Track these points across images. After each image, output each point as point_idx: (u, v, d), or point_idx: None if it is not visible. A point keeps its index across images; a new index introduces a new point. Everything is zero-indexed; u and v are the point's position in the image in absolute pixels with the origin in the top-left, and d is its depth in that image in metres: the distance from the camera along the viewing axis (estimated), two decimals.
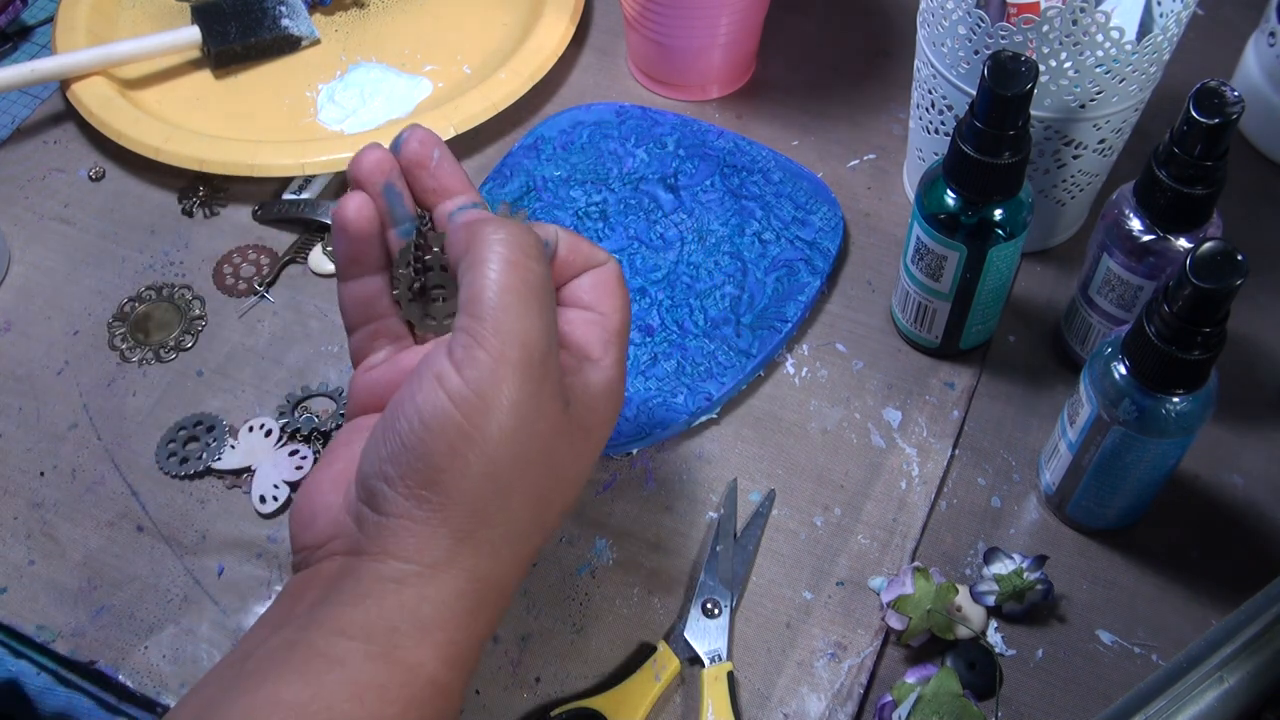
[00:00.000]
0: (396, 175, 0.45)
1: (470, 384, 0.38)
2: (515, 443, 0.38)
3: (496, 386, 0.38)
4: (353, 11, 0.81)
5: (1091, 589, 0.55)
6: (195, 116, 0.74)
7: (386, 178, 0.45)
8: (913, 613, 0.53)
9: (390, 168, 0.45)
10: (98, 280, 0.67)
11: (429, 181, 0.46)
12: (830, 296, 0.66)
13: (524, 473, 0.39)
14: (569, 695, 0.52)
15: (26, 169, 0.73)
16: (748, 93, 0.76)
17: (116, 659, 0.54)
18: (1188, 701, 0.45)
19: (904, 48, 0.77)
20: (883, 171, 0.71)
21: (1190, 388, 0.48)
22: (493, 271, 0.39)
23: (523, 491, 0.40)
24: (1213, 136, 0.49)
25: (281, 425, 0.61)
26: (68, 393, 0.63)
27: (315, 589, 0.39)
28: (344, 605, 0.37)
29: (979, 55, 0.57)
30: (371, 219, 0.45)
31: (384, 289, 0.46)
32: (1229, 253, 0.44)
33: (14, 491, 0.59)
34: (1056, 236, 0.67)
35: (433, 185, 0.46)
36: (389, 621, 0.37)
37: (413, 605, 0.38)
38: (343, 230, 0.45)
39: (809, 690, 0.52)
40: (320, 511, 0.42)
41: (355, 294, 0.46)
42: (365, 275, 0.46)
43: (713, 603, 0.54)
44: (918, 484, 0.58)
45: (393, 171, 0.45)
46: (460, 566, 0.39)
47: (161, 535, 0.58)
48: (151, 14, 0.80)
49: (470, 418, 0.38)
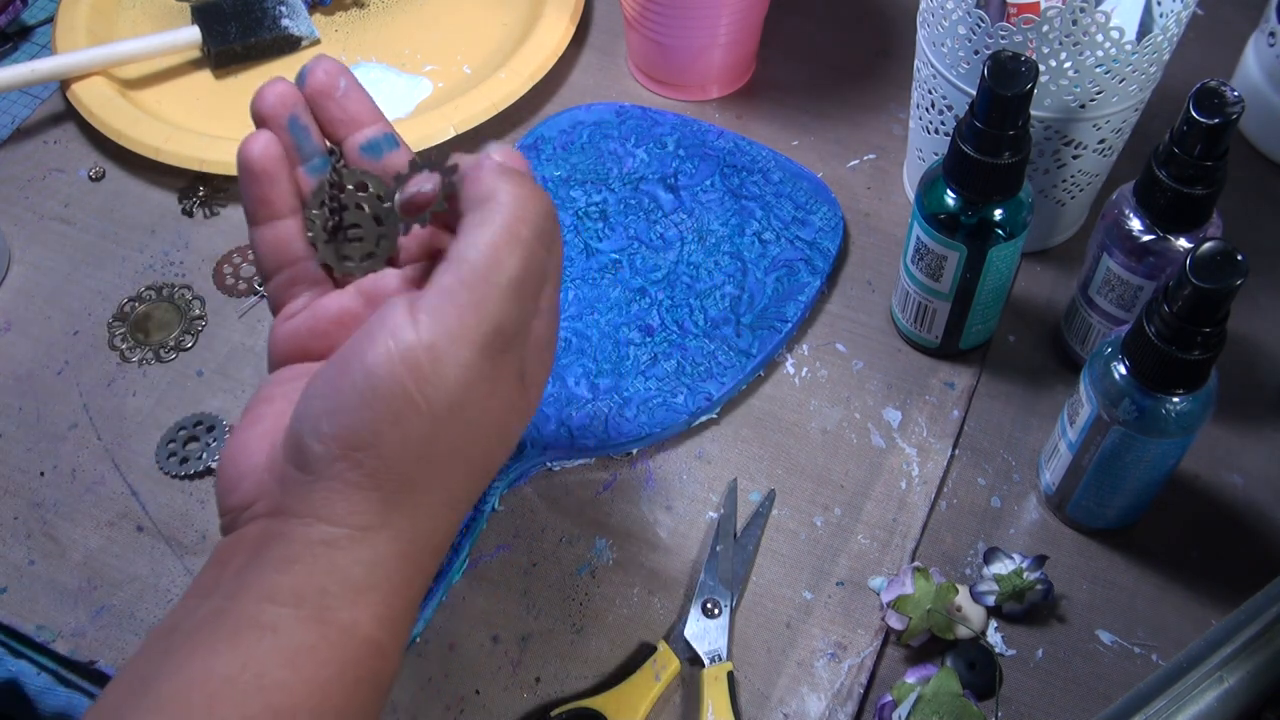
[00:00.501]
0: (302, 108, 0.43)
1: (427, 347, 0.35)
2: (464, 418, 0.37)
3: (456, 358, 0.36)
4: (353, 11, 0.81)
5: (1091, 589, 0.55)
6: (195, 116, 0.74)
7: (290, 110, 0.42)
8: (913, 613, 0.53)
9: (294, 101, 0.43)
10: (98, 280, 0.67)
11: (337, 112, 0.43)
12: (830, 296, 0.66)
13: (467, 444, 0.38)
14: (569, 695, 0.52)
15: (26, 169, 0.73)
16: (748, 93, 0.76)
17: (116, 659, 0.54)
18: (1188, 701, 0.45)
19: (904, 48, 0.77)
20: (883, 171, 0.71)
21: (1190, 388, 0.48)
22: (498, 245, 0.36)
23: (465, 460, 0.38)
24: (1213, 136, 0.49)
25: None
26: (68, 393, 0.63)
27: (241, 554, 0.37)
28: (272, 571, 0.36)
29: (979, 55, 0.57)
30: (278, 157, 0.42)
31: (297, 232, 0.43)
32: (1229, 253, 0.44)
33: (14, 491, 0.59)
34: (1056, 236, 0.67)
35: (341, 116, 0.43)
36: (319, 584, 0.36)
37: (344, 567, 0.36)
38: (248, 170, 0.42)
39: (809, 690, 0.52)
40: (245, 473, 0.39)
41: (267, 239, 0.43)
42: (276, 218, 0.43)
43: (713, 603, 0.54)
44: (918, 484, 0.58)
45: (297, 104, 0.43)
46: (392, 529, 0.37)
47: (161, 535, 0.58)
48: (151, 14, 0.80)
49: (421, 386, 0.36)
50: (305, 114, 0.43)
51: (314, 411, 0.37)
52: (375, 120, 0.44)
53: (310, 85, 0.43)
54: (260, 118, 0.42)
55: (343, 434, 0.36)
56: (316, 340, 0.42)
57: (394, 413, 0.36)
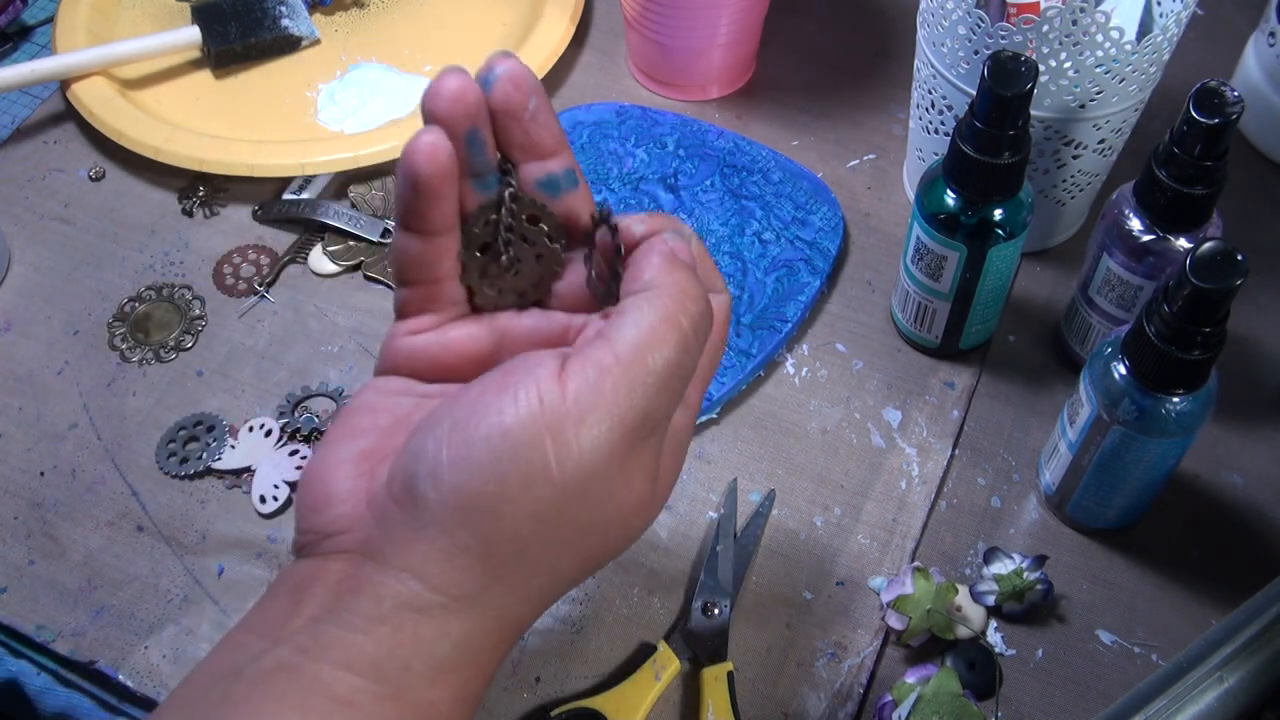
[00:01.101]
0: (483, 120, 0.37)
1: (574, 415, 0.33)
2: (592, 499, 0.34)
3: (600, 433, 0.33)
4: (353, 11, 0.81)
5: (1091, 589, 0.55)
6: (195, 116, 0.74)
7: (472, 121, 0.36)
8: (913, 613, 0.53)
9: (476, 108, 0.36)
10: (98, 280, 0.67)
11: (519, 135, 0.37)
12: (830, 296, 0.66)
13: (587, 529, 0.35)
14: (569, 695, 0.52)
15: (26, 169, 0.73)
16: (748, 93, 0.76)
17: (116, 659, 0.54)
18: (1188, 701, 0.45)
19: (904, 48, 0.77)
20: (883, 171, 0.71)
21: (1190, 388, 0.48)
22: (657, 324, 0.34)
23: (579, 546, 0.35)
24: (1213, 136, 0.49)
25: (281, 425, 0.61)
26: (68, 393, 0.63)
27: (319, 594, 0.34)
28: (354, 631, 0.33)
29: (979, 55, 0.57)
30: (447, 170, 0.36)
31: (446, 250, 0.38)
32: (1229, 253, 0.44)
33: (14, 491, 0.59)
34: (1056, 236, 0.67)
35: (523, 140, 0.37)
36: (403, 659, 0.33)
37: (430, 641, 0.34)
38: (413, 179, 0.36)
39: (809, 690, 0.52)
40: (338, 496, 0.36)
41: (411, 250, 0.38)
42: (429, 234, 0.38)
43: (713, 603, 0.54)
44: (918, 484, 0.58)
45: (479, 114, 0.37)
46: (488, 606, 0.34)
47: (161, 535, 0.58)
48: (151, 14, 0.80)
49: (560, 452, 0.33)
50: (486, 126, 0.37)
51: (435, 454, 0.34)
52: (558, 150, 0.38)
53: (496, 97, 0.37)
54: (432, 115, 0.36)
55: (465, 489, 0.33)
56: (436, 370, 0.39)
57: (525, 477, 0.33)
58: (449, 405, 0.35)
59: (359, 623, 0.33)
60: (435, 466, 0.33)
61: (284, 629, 0.34)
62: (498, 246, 0.39)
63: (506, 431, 0.33)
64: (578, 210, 0.39)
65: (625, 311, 0.35)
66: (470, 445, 0.33)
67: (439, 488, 0.33)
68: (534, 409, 0.33)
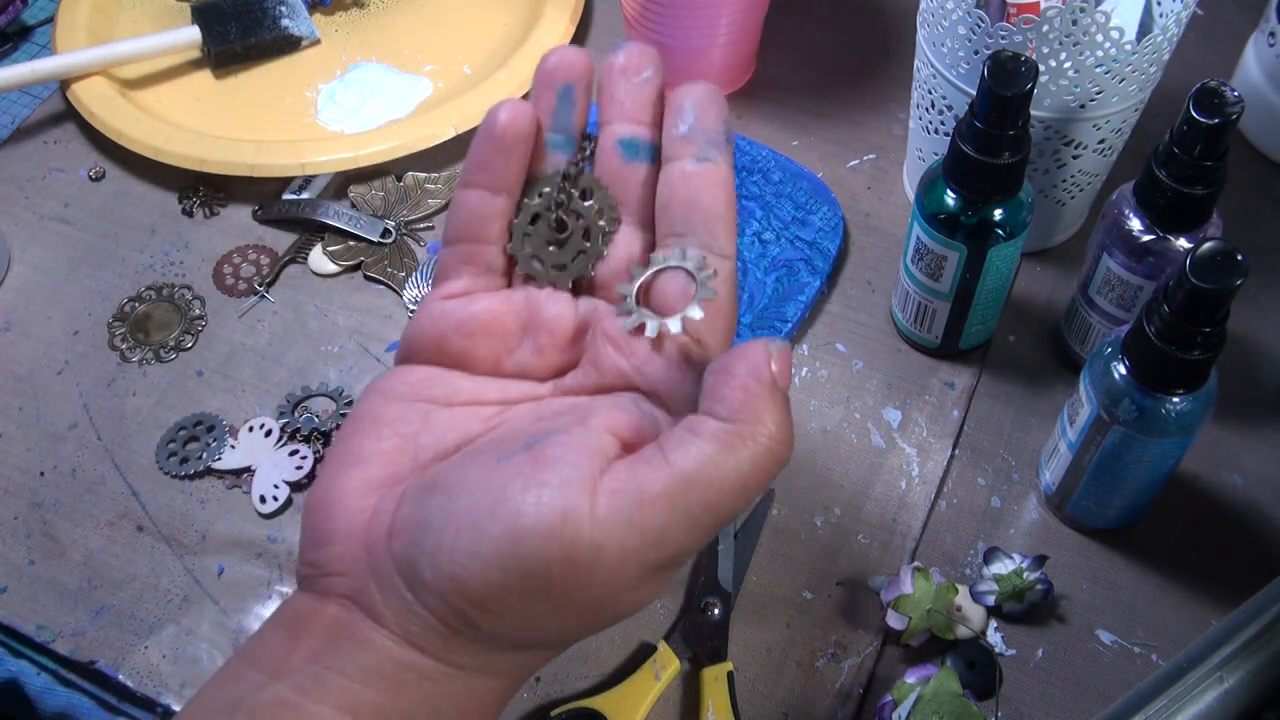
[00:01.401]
0: (584, 83, 0.38)
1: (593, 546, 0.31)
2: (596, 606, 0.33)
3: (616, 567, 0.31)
4: (353, 11, 0.81)
5: (1091, 589, 0.55)
6: (195, 116, 0.74)
7: (569, 79, 0.38)
8: (913, 613, 0.53)
9: (581, 72, 0.38)
10: (98, 280, 0.67)
11: (621, 93, 0.38)
12: (830, 296, 0.66)
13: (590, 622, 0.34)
14: (569, 695, 0.52)
15: (26, 169, 0.73)
16: (748, 93, 0.76)
17: (116, 659, 0.54)
18: (1188, 701, 0.45)
19: (904, 48, 0.77)
20: (883, 171, 0.71)
21: (1190, 388, 0.48)
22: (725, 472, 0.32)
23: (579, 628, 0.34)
24: (1213, 136, 0.49)
25: (281, 425, 0.61)
26: (68, 393, 0.63)
27: (316, 634, 0.34)
28: (354, 680, 0.33)
29: (979, 55, 0.57)
30: (525, 132, 0.38)
31: (500, 213, 0.39)
32: (1229, 253, 0.44)
33: (14, 491, 0.59)
34: (1056, 236, 0.67)
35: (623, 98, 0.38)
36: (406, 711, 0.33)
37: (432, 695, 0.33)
38: (489, 132, 0.38)
39: (809, 690, 0.52)
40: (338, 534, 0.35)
41: (470, 204, 0.39)
42: (489, 190, 0.38)
43: (713, 603, 0.54)
44: (918, 484, 0.58)
45: (582, 77, 0.38)
46: (489, 672, 0.34)
47: (161, 535, 0.58)
48: (151, 14, 0.80)
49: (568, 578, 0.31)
50: (584, 89, 0.39)
51: (440, 538, 0.32)
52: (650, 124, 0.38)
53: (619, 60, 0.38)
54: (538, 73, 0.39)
55: (466, 586, 0.32)
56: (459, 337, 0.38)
57: (528, 590, 0.31)
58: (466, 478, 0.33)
59: (359, 674, 0.33)
60: (437, 550, 0.32)
61: (283, 665, 0.34)
62: (547, 217, 0.39)
63: (519, 538, 0.31)
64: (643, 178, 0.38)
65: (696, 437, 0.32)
66: (479, 539, 0.32)
67: (438, 574, 0.32)
68: (553, 524, 0.31)
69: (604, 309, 0.38)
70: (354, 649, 0.33)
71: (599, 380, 0.37)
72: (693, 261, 0.36)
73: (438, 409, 0.37)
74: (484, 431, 0.37)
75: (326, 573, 0.35)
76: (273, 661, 0.34)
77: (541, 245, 0.39)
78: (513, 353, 0.38)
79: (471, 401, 0.38)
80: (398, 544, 0.34)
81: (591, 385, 0.37)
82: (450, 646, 0.33)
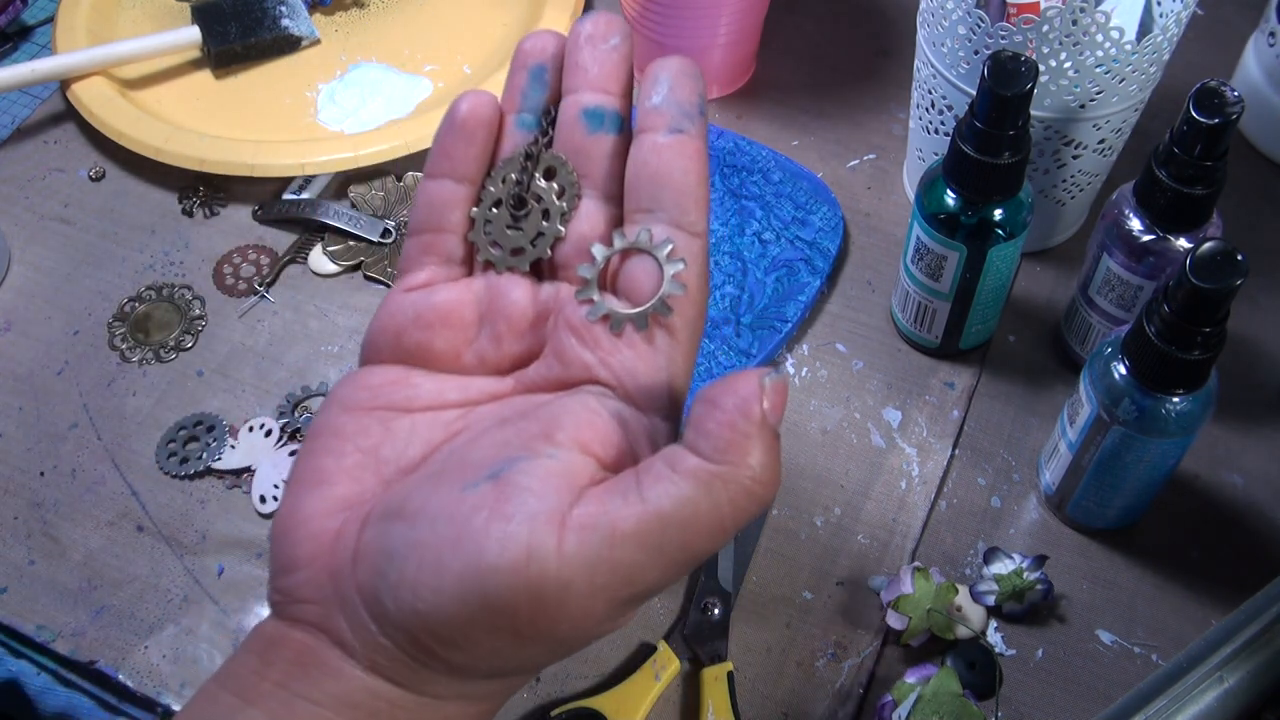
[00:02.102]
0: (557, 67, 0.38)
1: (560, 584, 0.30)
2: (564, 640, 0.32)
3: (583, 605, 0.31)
4: (353, 11, 0.81)
5: (1091, 589, 0.55)
6: (195, 116, 0.74)
7: (542, 60, 0.38)
8: (913, 613, 0.53)
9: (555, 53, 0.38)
10: (98, 280, 0.67)
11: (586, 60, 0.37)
12: (830, 296, 0.66)
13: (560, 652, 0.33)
14: (569, 695, 0.52)
15: (26, 169, 0.73)
16: (748, 93, 0.76)
17: (116, 659, 0.54)
18: (1188, 701, 0.45)
19: (904, 48, 0.77)
20: (883, 171, 0.71)
21: (1190, 388, 0.48)
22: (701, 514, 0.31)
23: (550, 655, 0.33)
24: (1213, 136, 0.49)
25: (281, 425, 0.61)
26: (68, 393, 0.63)
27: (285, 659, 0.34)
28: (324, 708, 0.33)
29: (979, 55, 0.57)
30: (487, 120, 0.37)
31: (461, 201, 0.38)
32: (1229, 253, 0.44)
33: (14, 491, 0.59)
34: (1056, 236, 0.67)
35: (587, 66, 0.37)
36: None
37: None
38: (451, 120, 0.37)
39: (809, 690, 0.52)
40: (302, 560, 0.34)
41: (431, 193, 0.38)
42: (450, 178, 0.38)
43: (713, 603, 0.54)
44: (918, 484, 0.58)
45: (555, 60, 0.38)
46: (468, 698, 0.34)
47: (161, 535, 0.58)
48: (151, 14, 0.80)
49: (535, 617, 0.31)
50: (556, 71, 0.38)
51: (404, 570, 0.32)
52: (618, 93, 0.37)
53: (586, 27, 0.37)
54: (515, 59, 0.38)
55: (429, 620, 0.31)
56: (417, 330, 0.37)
57: (494, 626, 0.31)
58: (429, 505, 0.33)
59: (329, 701, 0.33)
60: (399, 586, 0.32)
61: (254, 690, 0.33)
62: (511, 199, 0.38)
63: (482, 575, 0.30)
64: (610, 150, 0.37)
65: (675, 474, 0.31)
66: (441, 574, 0.31)
67: (401, 609, 0.32)
68: (518, 560, 0.30)
69: (566, 294, 0.37)
70: (322, 677, 0.33)
71: (562, 373, 0.36)
72: (661, 247, 0.35)
73: (398, 416, 0.36)
74: (447, 439, 0.36)
75: (295, 599, 0.34)
76: (244, 686, 0.34)
77: (501, 230, 0.38)
78: (471, 344, 0.38)
79: (433, 405, 0.37)
80: (362, 573, 0.33)
81: (555, 378, 0.36)
82: (421, 677, 0.33)
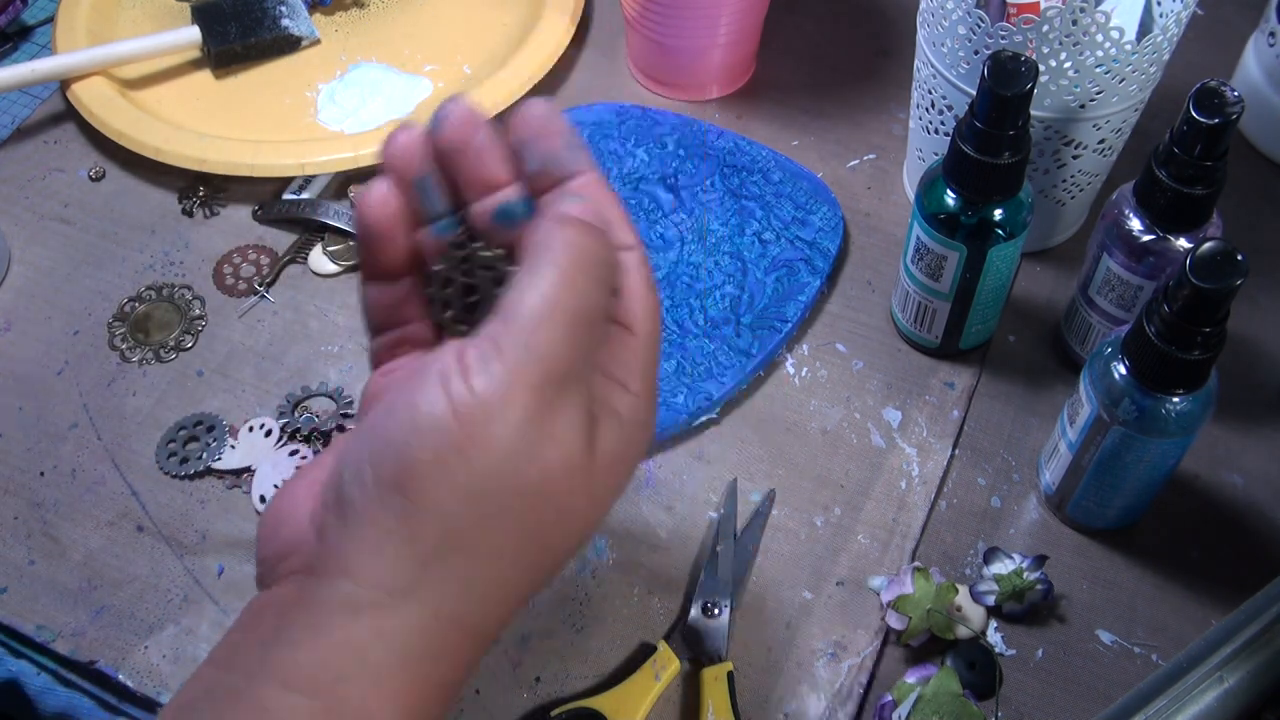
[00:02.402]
0: (433, 168, 0.39)
1: (477, 393, 0.33)
2: (513, 469, 0.34)
3: (505, 403, 0.33)
4: (353, 11, 0.81)
5: (1091, 589, 0.55)
6: (195, 116, 0.74)
7: (421, 170, 0.38)
8: (913, 612, 0.53)
9: (424, 158, 0.38)
10: (98, 280, 0.67)
11: (468, 170, 0.38)
12: (830, 296, 0.66)
13: (517, 502, 0.34)
14: (569, 695, 0.52)
15: (26, 169, 0.73)
16: (748, 93, 0.76)
17: (116, 659, 0.54)
18: (1188, 701, 0.45)
19: (904, 48, 0.77)
20: (883, 171, 0.71)
21: (1190, 388, 0.48)
22: (544, 283, 0.34)
23: (513, 524, 0.34)
24: (1213, 136, 0.49)
25: (281, 425, 0.61)
26: (68, 393, 0.63)
27: (269, 618, 0.35)
28: (292, 646, 0.33)
29: (979, 55, 0.57)
30: (395, 215, 0.38)
31: (410, 293, 0.40)
32: (1229, 253, 0.44)
33: (14, 491, 0.59)
34: (1056, 236, 0.67)
35: (472, 175, 0.38)
36: (337, 669, 0.33)
37: (364, 644, 0.33)
38: (364, 227, 0.39)
39: (809, 690, 0.52)
40: (287, 520, 0.37)
41: (377, 298, 0.40)
42: (389, 279, 0.40)
43: (713, 603, 0.54)
44: (918, 484, 0.58)
45: (426, 161, 0.38)
46: (424, 598, 0.34)
47: (161, 535, 0.58)
48: (151, 14, 0.80)
49: (467, 429, 0.33)
50: (436, 172, 0.39)
51: (356, 455, 0.35)
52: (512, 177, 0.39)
53: (444, 135, 0.38)
54: (387, 166, 0.39)
55: (383, 474, 0.34)
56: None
57: (435, 452, 0.33)
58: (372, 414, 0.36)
59: (298, 636, 0.33)
60: (357, 465, 0.34)
61: (236, 657, 0.35)
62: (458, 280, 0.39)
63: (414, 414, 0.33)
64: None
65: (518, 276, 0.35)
66: (385, 435, 0.34)
67: (361, 482, 0.34)
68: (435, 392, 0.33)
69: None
70: (297, 612, 0.34)
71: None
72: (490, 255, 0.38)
73: None
74: None
75: (279, 557, 0.37)
76: (228, 656, 0.35)
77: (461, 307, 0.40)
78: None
79: None
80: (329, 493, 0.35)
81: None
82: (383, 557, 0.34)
